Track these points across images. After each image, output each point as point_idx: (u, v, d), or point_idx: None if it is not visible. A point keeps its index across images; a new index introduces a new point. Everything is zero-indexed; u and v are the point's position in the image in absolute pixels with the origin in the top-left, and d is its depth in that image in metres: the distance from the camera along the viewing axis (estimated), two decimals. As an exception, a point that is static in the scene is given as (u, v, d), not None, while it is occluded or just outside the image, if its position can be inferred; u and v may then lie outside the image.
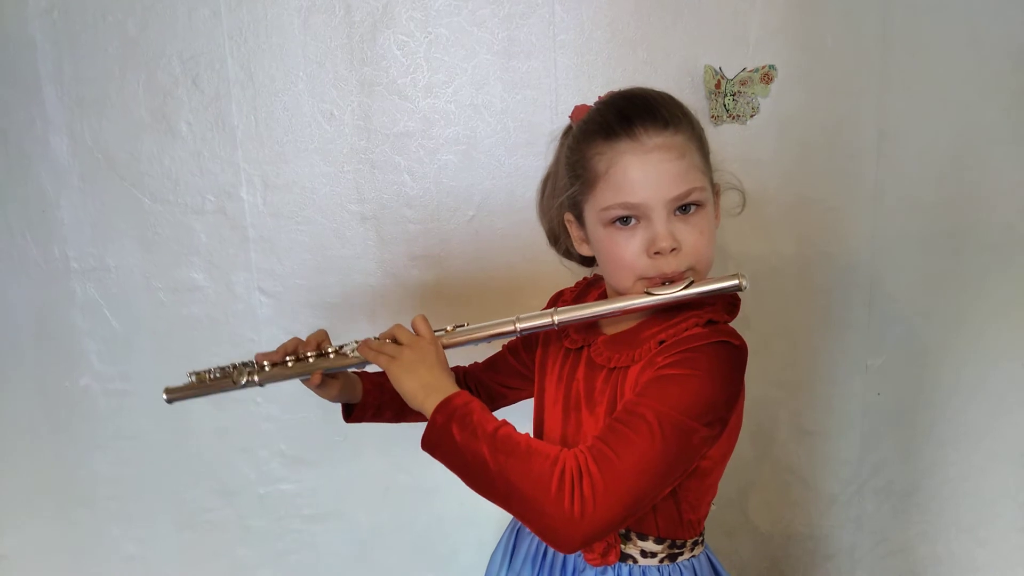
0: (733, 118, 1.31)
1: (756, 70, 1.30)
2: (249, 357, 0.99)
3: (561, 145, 0.97)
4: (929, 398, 1.46)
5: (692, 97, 1.31)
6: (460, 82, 1.32)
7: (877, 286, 1.40)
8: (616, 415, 0.81)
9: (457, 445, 0.80)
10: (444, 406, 0.82)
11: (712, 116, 1.31)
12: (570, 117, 0.95)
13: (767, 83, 1.30)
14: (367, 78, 1.32)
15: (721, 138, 1.32)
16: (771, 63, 1.30)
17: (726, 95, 1.30)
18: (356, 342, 0.94)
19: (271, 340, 1.39)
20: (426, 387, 0.85)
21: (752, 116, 1.31)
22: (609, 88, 0.93)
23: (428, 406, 0.83)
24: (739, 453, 0.93)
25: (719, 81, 1.30)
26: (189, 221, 1.37)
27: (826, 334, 1.43)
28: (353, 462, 1.47)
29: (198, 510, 1.50)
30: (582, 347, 0.95)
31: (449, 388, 0.85)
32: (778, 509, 1.51)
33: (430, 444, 0.83)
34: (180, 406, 1.01)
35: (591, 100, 0.93)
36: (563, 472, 0.75)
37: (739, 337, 0.86)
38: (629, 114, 0.85)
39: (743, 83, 1.30)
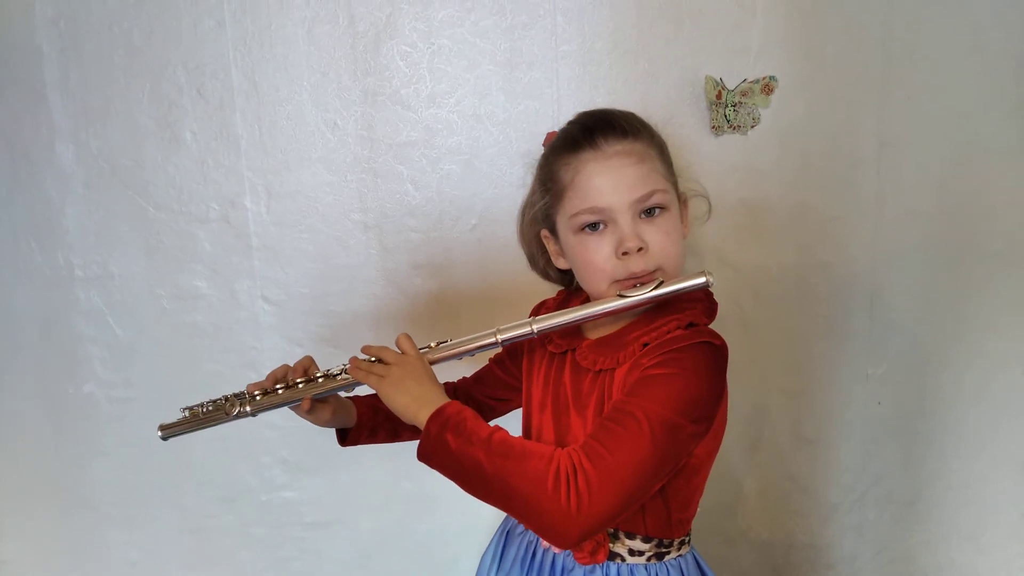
0: (734, 128, 1.31)
1: (757, 81, 1.30)
2: (250, 365, 1.00)
3: (537, 171, 1.01)
4: (930, 407, 1.46)
5: (693, 108, 1.31)
6: (463, 92, 1.33)
7: (878, 295, 1.41)
8: (607, 415, 0.84)
9: (453, 453, 0.82)
10: (437, 416, 0.84)
11: (713, 127, 1.31)
12: (543, 144, 1.00)
13: (768, 94, 1.31)
14: (370, 88, 1.33)
15: (722, 149, 1.33)
16: (772, 74, 1.30)
17: (727, 106, 1.30)
18: (343, 365, 0.96)
19: (274, 348, 1.40)
20: (417, 400, 0.87)
21: (753, 126, 1.32)
22: (611, 99, 0.94)
23: (421, 418, 0.85)
24: (739, 461, 0.93)
25: (720, 92, 1.30)
26: (193, 229, 1.38)
27: (827, 343, 1.43)
28: (354, 470, 1.47)
29: (200, 516, 1.50)
30: (566, 351, 0.98)
31: (440, 399, 0.87)
32: (779, 518, 1.51)
33: (426, 454, 0.85)
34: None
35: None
36: (558, 469, 0.78)
37: (720, 338, 0.89)
38: (590, 126, 0.91)
39: (744, 94, 1.30)
